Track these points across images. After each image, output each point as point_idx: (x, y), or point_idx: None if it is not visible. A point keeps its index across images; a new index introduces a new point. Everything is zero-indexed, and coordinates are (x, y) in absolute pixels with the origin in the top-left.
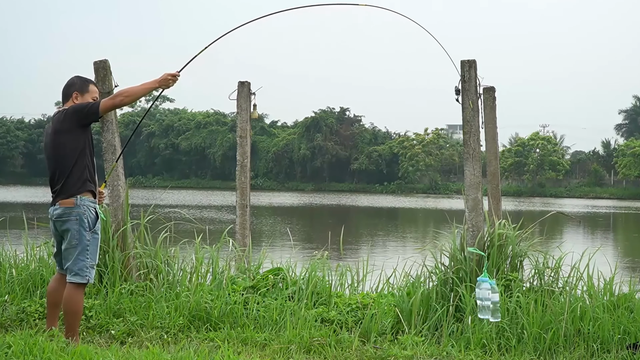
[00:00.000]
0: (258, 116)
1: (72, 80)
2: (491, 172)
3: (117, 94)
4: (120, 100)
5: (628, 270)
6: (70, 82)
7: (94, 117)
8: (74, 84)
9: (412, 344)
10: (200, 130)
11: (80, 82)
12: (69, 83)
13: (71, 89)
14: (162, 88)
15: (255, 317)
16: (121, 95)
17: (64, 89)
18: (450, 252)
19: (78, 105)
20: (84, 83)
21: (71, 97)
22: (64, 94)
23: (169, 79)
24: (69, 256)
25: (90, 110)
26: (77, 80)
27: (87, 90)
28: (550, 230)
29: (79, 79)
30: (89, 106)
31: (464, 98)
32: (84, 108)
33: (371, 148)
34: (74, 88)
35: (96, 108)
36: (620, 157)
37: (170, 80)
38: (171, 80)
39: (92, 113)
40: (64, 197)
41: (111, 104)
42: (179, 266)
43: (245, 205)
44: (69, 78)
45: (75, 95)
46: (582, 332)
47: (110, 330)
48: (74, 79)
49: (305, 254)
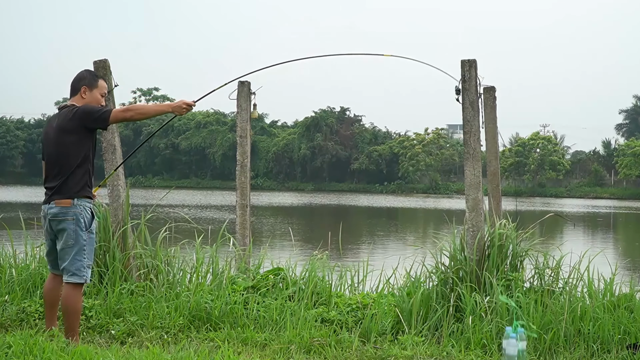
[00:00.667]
0: (258, 116)
1: (82, 74)
2: (491, 172)
3: (129, 107)
4: (131, 115)
5: (628, 270)
6: (80, 76)
7: (103, 125)
8: (84, 78)
9: (412, 344)
10: (200, 130)
11: (90, 77)
12: (78, 77)
13: (80, 83)
14: (175, 114)
15: (256, 317)
16: (133, 111)
17: (73, 82)
18: (450, 252)
19: (90, 108)
20: (94, 78)
21: (80, 91)
22: (72, 87)
23: (183, 108)
24: (65, 256)
25: (101, 117)
26: (87, 75)
27: (96, 86)
28: (550, 230)
29: (89, 73)
30: (101, 112)
31: (464, 98)
32: (95, 112)
33: (371, 148)
34: (83, 82)
35: (107, 116)
36: (621, 157)
37: (185, 109)
38: (185, 109)
39: (102, 120)
40: (61, 197)
41: (122, 116)
42: (179, 266)
43: (245, 205)
44: (72, 80)
45: (84, 89)
46: (582, 332)
47: (110, 330)
48: (84, 72)
49: (306, 254)
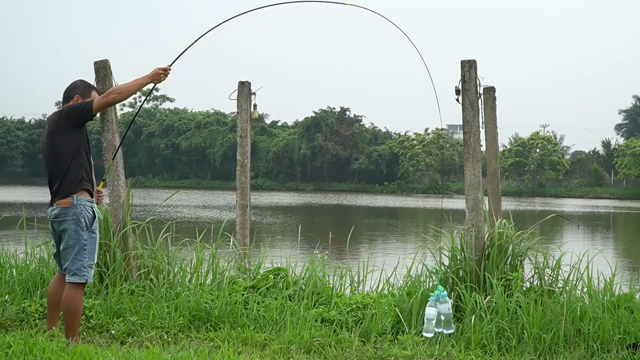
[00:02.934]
0: (258, 116)
1: (75, 84)
2: (491, 172)
3: (109, 91)
4: (113, 97)
5: (628, 270)
6: (74, 85)
7: (88, 116)
8: (78, 87)
9: (412, 344)
10: (200, 130)
11: (84, 87)
12: (72, 85)
13: (73, 92)
14: (154, 83)
15: (256, 317)
16: (113, 93)
17: (66, 91)
18: (450, 252)
19: (71, 105)
20: (87, 88)
21: (72, 99)
22: (65, 95)
23: (160, 73)
24: (67, 256)
25: (85, 109)
26: (81, 84)
27: (89, 96)
28: (550, 230)
29: (82, 82)
30: (83, 105)
31: (464, 98)
32: (77, 107)
33: (371, 148)
34: (76, 91)
35: (90, 106)
36: (621, 157)
37: (162, 74)
38: (162, 75)
39: (86, 111)
40: (60, 197)
41: (104, 102)
42: (180, 266)
43: (245, 205)
44: (72, 80)
45: (77, 98)
46: (582, 332)
47: (110, 330)
48: (77, 82)
49: (306, 254)
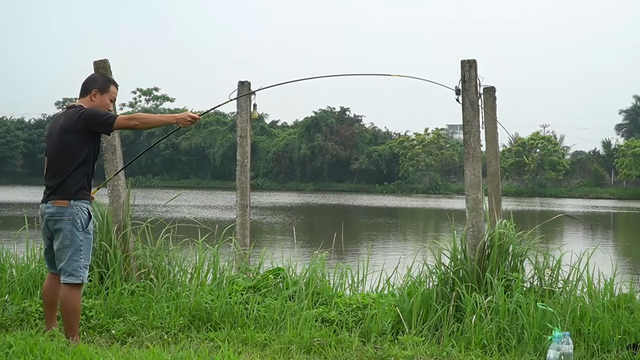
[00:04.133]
0: (258, 116)
1: (94, 77)
2: (491, 172)
3: (133, 116)
4: (134, 124)
5: (628, 270)
6: (92, 78)
7: (106, 130)
8: (96, 81)
9: (413, 344)
10: (200, 130)
11: (103, 81)
12: (91, 78)
13: (92, 85)
14: (179, 125)
15: (256, 317)
16: (137, 120)
17: (85, 84)
18: (451, 252)
19: (96, 111)
20: (106, 82)
21: (90, 93)
22: (83, 88)
23: (188, 120)
24: (62, 256)
25: (106, 122)
26: (100, 78)
27: (107, 91)
28: (550, 230)
29: (102, 76)
30: (106, 117)
31: (464, 98)
32: (100, 117)
33: (371, 148)
34: (95, 85)
35: (111, 122)
36: (621, 157)
37: (190, 121)
38: (190, 122)
39: (107, 125)
40: (58, 197)
41: (125, 124)
42: (180, 266)
43: (245, 205)
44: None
45: (95, 92)
46: (582, 332)
47: (110, 330)
48: (96, 75)
49: (306, 254)
